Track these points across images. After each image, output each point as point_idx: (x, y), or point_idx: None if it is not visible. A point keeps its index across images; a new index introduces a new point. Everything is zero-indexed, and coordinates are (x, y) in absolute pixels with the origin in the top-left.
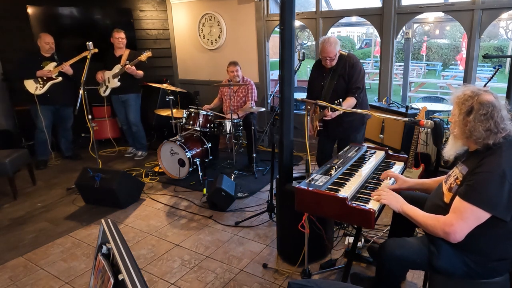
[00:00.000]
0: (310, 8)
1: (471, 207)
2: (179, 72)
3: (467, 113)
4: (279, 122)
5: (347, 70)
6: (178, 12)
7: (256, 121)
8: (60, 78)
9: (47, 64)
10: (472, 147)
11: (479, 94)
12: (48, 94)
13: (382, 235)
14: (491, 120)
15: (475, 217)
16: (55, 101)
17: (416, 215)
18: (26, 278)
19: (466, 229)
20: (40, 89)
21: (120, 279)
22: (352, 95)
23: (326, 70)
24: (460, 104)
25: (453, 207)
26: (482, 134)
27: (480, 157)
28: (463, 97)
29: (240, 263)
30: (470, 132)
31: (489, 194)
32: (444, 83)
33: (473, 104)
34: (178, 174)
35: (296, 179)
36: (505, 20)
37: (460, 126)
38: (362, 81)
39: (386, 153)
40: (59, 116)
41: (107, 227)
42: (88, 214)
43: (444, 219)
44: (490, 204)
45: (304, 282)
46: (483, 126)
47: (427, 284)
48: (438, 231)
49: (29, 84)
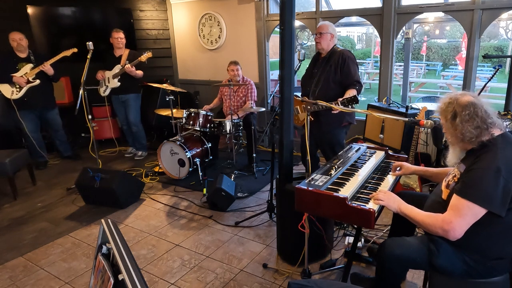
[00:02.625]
0: (310, 8)
1: (468, 203)
2: (179, 72)
3: (453, 118)
4: (279, 122)
5: (340, 62)
6: (178, 12)
7: (256, 121)
8: (38, 81)
9: (23, 66)
10: (469, 148)
11: (457, 98)
12: (25, 98)
13: (382, 235)
14: (477, 117)
15: (472, 213)
16: (34, 105)
17: (414, 215)
18: (26, 278)
19: (464, 226)
20: (17, 93)
21: (120, 279)
22: (353, 87)
23: (319, 59)
24: (443, 112)
25: (451, 204)
26: (473, 132)
27: (476, 155)
28: (444, 106)
29: (240, 263)
30: (462, 134)
31: (485, 190)
32: (444, 83)
33: (455, 108)
34: (178, 174)
35: (296, 179)
36: (505, 20)
37: (451, 132)
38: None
39: (386, 153)
40: (43, 120)
41: (107, 227)
42: (88, 214)
43: (442, 217)
44: (486, 199)
45: (304, 282)
46: (471, 125)
47: (427, 284)
48: (437, 229)
49: (4, 88)
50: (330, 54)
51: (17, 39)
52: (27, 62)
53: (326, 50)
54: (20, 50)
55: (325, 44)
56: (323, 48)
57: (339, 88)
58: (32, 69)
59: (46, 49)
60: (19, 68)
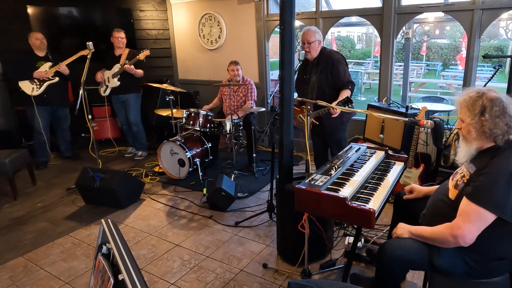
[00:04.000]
0: (310, 8)
1: (478, 208)
2: (179, 72)
3: (481, 113)
4: (279, 122)
5: (329, 67)
6: (178, 12)
7: (256, 121)
8: (57, 79)
9: (42, 64)
10: (487, 146)
11: (486, 92)
12: (45, 95)
13: (382, 235)
14: (507, 114)
15: (482, 219)
16: (52, 101)
17: (424, 232)
18: (26, 278)
19: (475, 231)
20: (37, 90)
21: (120, 279)
22: (346, 87)
23: (309, 64)
24: (469, 106)
25: (460, 209)
26: (505, 129)
27: (489, 157)
28: (471, 99)
29: (240, 263)
30: (490, 130)
31: (496, 196)
32: (444, 83)
33: (484, 103)
34: (178, 174)
35: (296, 179)
36: (505, 20)
37: (476, 128)
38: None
39: (386, 153)
40: (55, 117)
41: (107, 227)
42: (88, 214)
43: (451, 224)
44: (497, 205)
45: (304, 282)
46: (503, 121)
47: (427, 284)
48: (448, 237)
49: (25, 85)
50: (318, 58)
51: (41, 38)
52: (45, 61)
53: (315, 56)
54: (41, 49)
55: (314, 52)
56: (313, 56)
57: (333, 92)
58: (51, 67)
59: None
60: (38, 67)
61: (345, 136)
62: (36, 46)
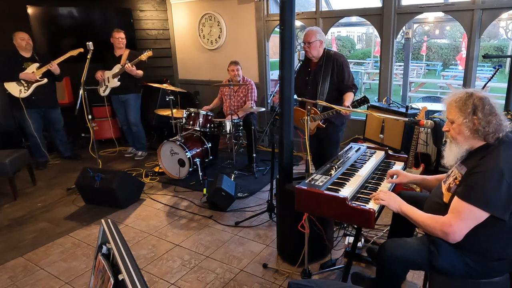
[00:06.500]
0: (310, 8)
1: (469, 206)
2: (179, 72)
3: (473, 112)
4: (279, 122)
5: (336, 69)
6: (178, 12)
7: (256, 121)
8: (46, 80)
9: (29, 65)
10: (478, 145)
11: (474, 92)
12: (33, 96)
13: (382, 235)
14: (496, 112)
15: (474, 217)
16: (41, 103)
17: (415, 215)
18: (26, 278)
19: (464, 229)
20: (25, 91)
21: (120, 279)
22: (350, 90)
23: (311, 65)
24: (461, 106)
25: (452, 207)
26: (496, 126)
27: (479, 157)
28: (461, 99)
29: (240, 263)
30: (483, 128)
31: (487, 194)
32: (444, 83)
33: (475, 102)
34: (178, 174)
35: (296, 179)
36: (505, 20)
37: (469, 127)
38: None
39: (386, 153)
40: (47, 119)
41: (107, 227)
42: (88, 214)
43: (442, 220)
44: (488, 203)
45: (304, 282)
46: (495, 118)
47: (427, 284)
48: (437, 231)
49: (11, 87)
50: (325, 61)
51: (26, 38)
52: (32, 62)
53: (318, 56)
54: (26, 50)
55: (315, 52)
56: (314, 56)
57: (338, 94)
58: (39, 68)
59: (46, 49)
60: (25, 68)
61: (342, 136)
62: (22, 46)
